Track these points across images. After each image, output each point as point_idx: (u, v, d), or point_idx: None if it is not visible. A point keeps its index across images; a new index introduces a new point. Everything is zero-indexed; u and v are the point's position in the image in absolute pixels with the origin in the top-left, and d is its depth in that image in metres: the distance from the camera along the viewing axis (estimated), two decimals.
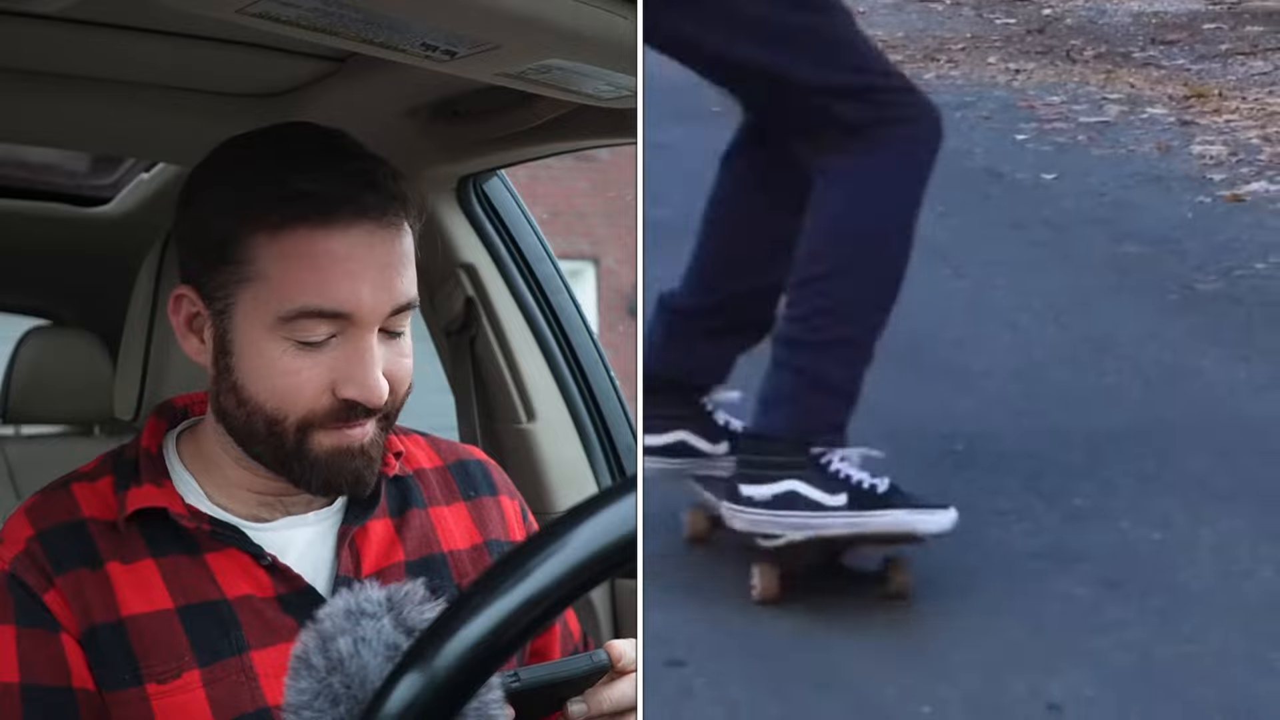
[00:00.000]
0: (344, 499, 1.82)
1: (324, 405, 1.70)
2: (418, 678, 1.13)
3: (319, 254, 1.67)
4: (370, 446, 1.74)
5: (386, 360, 1.71)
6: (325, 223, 1.67)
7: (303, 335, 1.68)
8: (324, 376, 1.69)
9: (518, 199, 3.04)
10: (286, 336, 1.68)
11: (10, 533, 1.74)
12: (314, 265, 1.67)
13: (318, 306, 1.67)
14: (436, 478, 1.92)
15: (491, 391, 2.99)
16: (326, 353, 1.69)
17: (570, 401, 3.01)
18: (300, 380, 1.69)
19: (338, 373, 1.69)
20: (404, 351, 1.74)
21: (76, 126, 2.72)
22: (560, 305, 3.03)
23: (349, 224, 1.67)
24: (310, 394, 1.69)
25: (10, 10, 1.88)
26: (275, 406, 1.70)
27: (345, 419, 1.71)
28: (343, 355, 1.69)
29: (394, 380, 1.72)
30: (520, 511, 1.96)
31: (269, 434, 1.71)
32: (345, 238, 1.67)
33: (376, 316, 1.69)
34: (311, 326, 1.67)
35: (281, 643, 1.67)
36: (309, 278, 1.67)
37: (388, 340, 1.72)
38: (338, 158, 1.72)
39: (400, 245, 1.71)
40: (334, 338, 1.69)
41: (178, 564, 1.73)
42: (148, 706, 1.68)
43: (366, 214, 1.68)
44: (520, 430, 2.97)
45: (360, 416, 1.71)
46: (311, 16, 1.71)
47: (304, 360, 1.69)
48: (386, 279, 1.69)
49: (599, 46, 1.83)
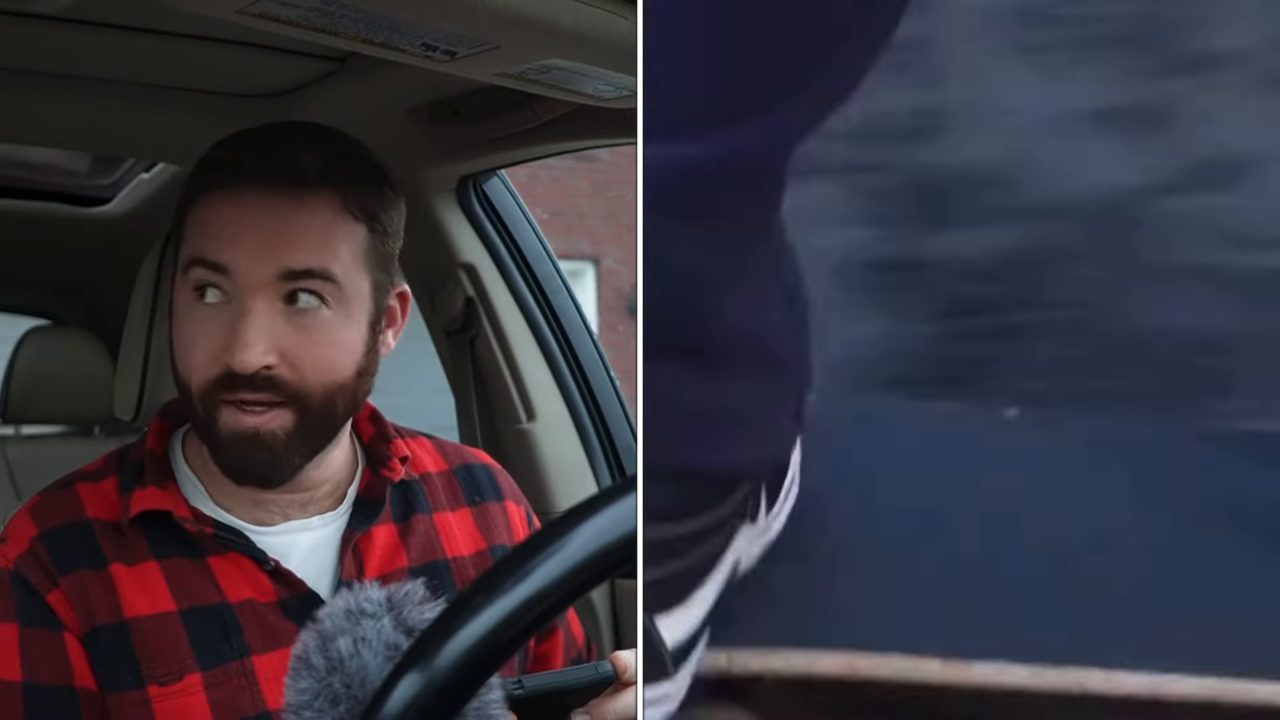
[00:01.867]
0: (349, 504, 1.82)
1: (214, 373, 1.69)
2: (418, 678, 1.13)
3: (210, 215, 1.71)
4: (269, 438, 1.70)
5: (282, 334, 1.68)
6: (221, 187, 1.70)
7: (195, 282, 1.69)
8: (217, 341, 1.68)
9: (518, 199, 3.04)
10: (185, 287, 1.70)
11: (14, 532, 1.74)
12: (208, 222, 1.70)
13: (200, 255, 1.69)
14: (442, 482, 1.92)
15: (491, 391, 2.99)
16: (220, 317, 1.69)
17: (570, 401, 3.01)
18: (197, 341, 1.69)
19: (225, 339, 1.68)
20: (315, 331, 1.70)
21: (76, 126, 2.72)
22: (560, 305, 3.03)
23: (248, 188, 1.69)
24: (204, 358, 1.69)
25: (10, 10, 1.88)
26: (182, 371, 1.72)
27: (230, 390, 1.68)
28: (229, 318, 1.69)
29: (294, 359, 1.69)
30: (526, 517, 1.96)
31: (187, 406, 1.72)
32: (242, 200, 1.69)
33: (258, 277, 1.67)
34: (199, 276, 1.69)
35: (283, 648, 1.67)
36: (202, 231, 1.71)
37: (291, 314, 1.69)
38: (256, 133, 1.76)
39: (306, 215, 1.70)
40: (228, 304, 1.68)
41: (181, 567, 1.73)
42: (149, 709, 1.68)
43: (265, 181, 1.69)
44: (520, 430, 2.97)
45: (243, 389, 1.68)
46: (311, 16, 1.71)
47: (202, 323, 1.69)
48: (276, 242, 1.68)
49: (599, 46, 1.83)
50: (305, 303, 1.69)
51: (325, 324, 1.71)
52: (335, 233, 1.71)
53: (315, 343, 1.70)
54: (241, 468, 1.72)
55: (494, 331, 2.96)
